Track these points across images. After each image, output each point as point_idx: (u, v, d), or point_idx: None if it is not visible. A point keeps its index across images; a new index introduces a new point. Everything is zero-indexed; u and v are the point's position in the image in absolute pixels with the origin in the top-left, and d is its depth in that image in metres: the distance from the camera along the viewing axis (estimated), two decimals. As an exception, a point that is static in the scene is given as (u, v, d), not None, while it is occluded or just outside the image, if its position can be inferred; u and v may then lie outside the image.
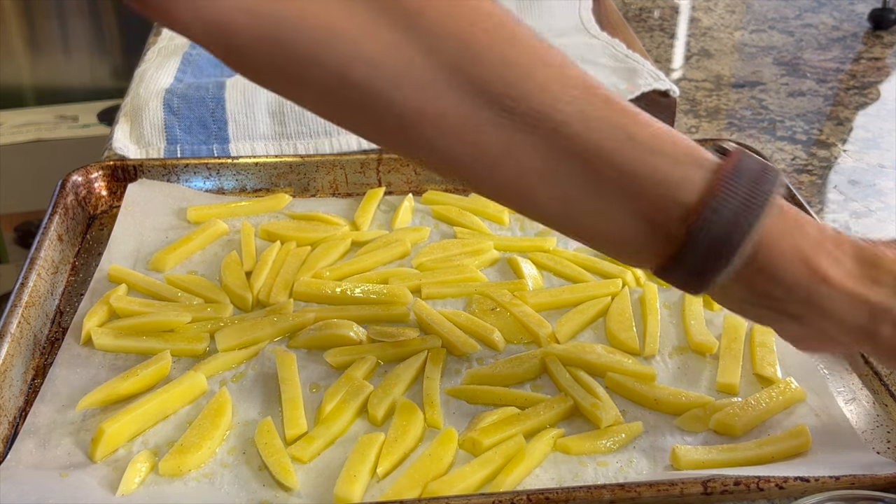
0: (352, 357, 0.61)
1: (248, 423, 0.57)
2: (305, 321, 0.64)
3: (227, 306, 0.66)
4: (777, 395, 0.58)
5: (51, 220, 0.71)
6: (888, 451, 0.55)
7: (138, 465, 0.53)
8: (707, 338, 0.63)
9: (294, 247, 0.72)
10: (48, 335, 0.65)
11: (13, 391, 0.58)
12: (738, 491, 0.49)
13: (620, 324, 0.64)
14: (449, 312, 0.65)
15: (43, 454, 0.54)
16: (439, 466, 0.53)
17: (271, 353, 0.62)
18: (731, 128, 0.95)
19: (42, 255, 0.67)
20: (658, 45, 1.19)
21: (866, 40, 1.20)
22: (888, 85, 1.07)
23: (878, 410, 0.58)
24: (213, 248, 0.74)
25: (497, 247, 0.73)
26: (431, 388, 0.58)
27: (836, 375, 0.61)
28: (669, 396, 0.58)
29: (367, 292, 0.67)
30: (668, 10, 1.32)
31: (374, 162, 0.80)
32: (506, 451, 0.53)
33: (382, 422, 0.57)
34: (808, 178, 0.85)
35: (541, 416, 0.56)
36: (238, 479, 0.53)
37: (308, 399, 0.58)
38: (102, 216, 0.78)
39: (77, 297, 0.68)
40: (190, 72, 0.98)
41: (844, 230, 0.77)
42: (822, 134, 0.94)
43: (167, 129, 0.86)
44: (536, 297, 0.67)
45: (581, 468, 0.53)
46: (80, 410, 0.57)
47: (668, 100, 0.89)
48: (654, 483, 0.49)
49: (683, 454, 0.53)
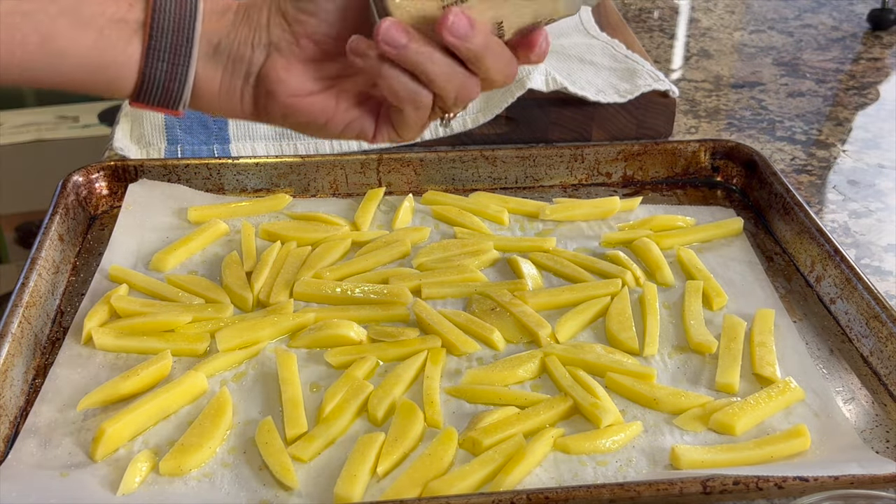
0: (352, 357, 0.61)
1: (249, 422, 0.57)
2: (305, 321, 0.64)
3: (228, 306, 0.66)
4: (776, 394, 0.58)
5: (51, 220, 0.71)
6: (887, 450, 0.55)
7: (139, 464, 0.53)
8: (706, 338, 0.63)
9: (294, 247, 0.72)
10: (49, 335, 0.65)
11: (14, 391, 0.58)
12: (737, 490, 0.50)
13: (620, 324, 0.64)
14: (449, 312, 0.66)
15: (44, 454, 0.54)
16: (439, 466, 0.53)
17: (271, 353, 0.62)
18: (730, 128, 0.95)
19: (43, 255, 0.67)
20: (658, 45, 1.19)
21: (865, 41, 1.20)
22: (887, 85, 1.07)
23: (877, 410, 0.58)
24: (213, 248, 0.74)
25: (497, 247, 0.73)
26: (431, 388, 0.59)
27: (835, 375, 0.61)
28: (669, 396, 0.58)
29: (367, 292, 0.67)
30: (668, 10, 1.32)
31: (374, 162, 0.81)
32: (506, 451, 0.54)
33: (382, 422, 0.57)
34: (807, 178, 0.85)
35: (541, 415, 0.56)
36: (238, 479, 0.53)
37: (308, 399, 0.58)
38: (103, 216, 0.78)
39: (78, 297, 0.68)
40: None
41: (844, 230, 0.77)
42: (822, 134, 0.94)
43: (168, 129, 0.86)
44: (536, 297, 0.67)
45: (581, 468, 0.53)
46: (81, 410, 0.57)
47: (668, 100, 0.89)
48: (654, 482, 0.49)
49: (683, 454, 0.53)
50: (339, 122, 0.56)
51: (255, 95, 0.54)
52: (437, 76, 0.51)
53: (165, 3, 0.52)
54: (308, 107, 0.55)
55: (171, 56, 0.52)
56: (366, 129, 0.57)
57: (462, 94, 0.53)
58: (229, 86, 0.54)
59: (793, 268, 0.72)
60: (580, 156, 0.83)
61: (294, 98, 0.54)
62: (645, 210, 0.79)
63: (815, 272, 0.69)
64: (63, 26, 0.50)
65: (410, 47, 0.50)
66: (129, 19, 0.51)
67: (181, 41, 0.52)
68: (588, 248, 0.74)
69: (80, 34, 0.50)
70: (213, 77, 0.54)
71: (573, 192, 0.82)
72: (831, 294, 0.67)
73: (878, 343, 0.61)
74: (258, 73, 0.53)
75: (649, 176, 0.84)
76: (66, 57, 0.50)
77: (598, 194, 0.82)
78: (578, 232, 0.76)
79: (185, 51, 0.52)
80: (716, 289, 0.68)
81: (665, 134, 0.91)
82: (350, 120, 0.56)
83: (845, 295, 0.65)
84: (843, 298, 0.66)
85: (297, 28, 0.53)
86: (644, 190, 0.83)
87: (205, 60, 0.53)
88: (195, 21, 0.52)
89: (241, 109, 0.55)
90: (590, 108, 0.88)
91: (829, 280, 0.67)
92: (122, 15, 0.51)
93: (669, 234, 0.75)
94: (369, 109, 0.57)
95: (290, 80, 0.53)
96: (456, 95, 0.53)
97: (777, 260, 0.73)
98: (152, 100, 0.53)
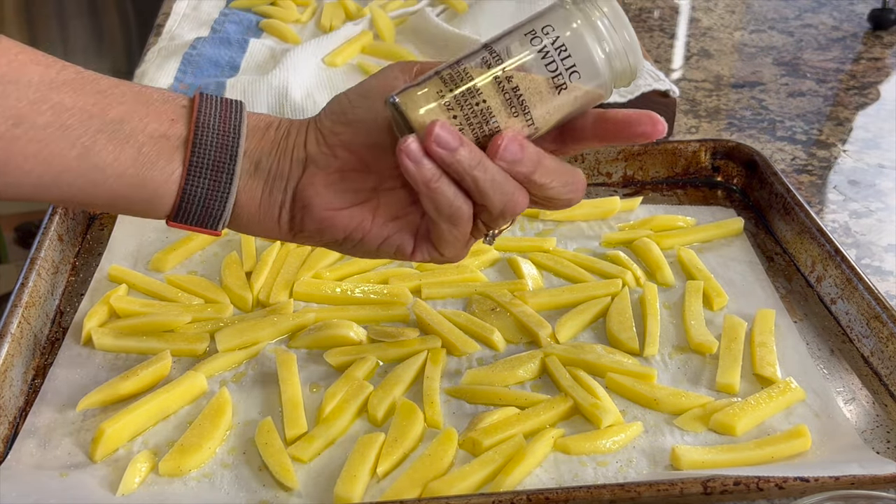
0: (352, 357, 0.61)
1: (248, 423, 0.57)
2: (305, 321, 0.64)
3: (227, 306, 0.66)
4: (777, 395, 0.58)
5: (51, 221, 0.71)
6: (888, 450, 0.55)
7: (138, 465, 0.53)
8: (707, 338, 0.63)
9: (294, 247, 0.72)
10: (48, 335, 0.65)
11: (13, 391, 0.58)
12: (737, 491, 0.49)
13: (620, 324, 0.64)
14: (449, 312, 0.65)
15: (43, 454, 0.54)
16: (439, 466, 0.53)
17: (271, 353, 0.62)
18: (730, 128, 0.95)
19: (42, 255, 0.67)
20: (658, 45, 1.19)
21: (866, 40, 1.20)
22: (888, 85, 1.07)
23: (878, 410, 0.58)
24: (213, 248, 0.74)
25: (497, 247, 0.73)
26: (431, 388, 0.58)
27: (836, 375, 0.61)
28: (669, 396, 0.58)
29: (367, 292, 0.67)
30: (668, 10, 1.32)
31: (374, 162, 0.80)
32: (506, 451, 0.53)
33: (382, 422, 0.57)
34: (807, 178, 0.85)
35: (541, 416, 0.56)
36: (238, 479, 0.53)
37: (308, 399, 0.58)
38: (103, 216, 0.78)
39: (77, 297, 0.68)
40: (190, 72, 0.98)
41: (845, 230, 0.77)
42: (822, 134, 0.94)
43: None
44: (536, 297, 0.67)
45: (581, 468, 0.53)
46: (81, 410, 0.57)
47: (668, 100, 0.89)
48: (654, 483, 0.49)
49: (683, 454, 0.53)
50: (375, 238, 0.54)
51: (291, 211, 0.53)
52: (486, 184, 0.48)
53: (209, 119, 0.51)
54: (345, 221, 0.53)
55: (213, 173, 0.51)
56: (404, 246, 0.54)
57: (509, 206, 0.50)
58: (268, 202, 0.53)
59: (793, 268, 0.72)
60: (580, 156, 0.82)
61: (330, 212, 0.52)
62: (645, 210, 0.79)
63: (815, 272, 0.69)
64: (102, 141, 0.49)
65: (462, 151, 0.47)
66: (171, 135, 0.50)
67: (224, 158, 0.51)
68: (588, 248, 0.74)
69: (120, 149, 0.49)
70: (254, 195, 0.52)
71: (573, 192, 0.82)
72: (832, 294, 0.67)
73: (879, 343, 0.61)
74: (295, 188, 0.52)
75: (649, 176, 0.84)
76: (105, 171, 0.49)
77: (599, 194, 0.81)
78: (578, 232, 0.76)
79: (228, 168, 0.51)
80: (716, 289, 0.68)
81: (665, 134, 0.90)
82: (387, 235, 0.54)
83: (846, 295, 0.65)
84: (843, 298, 0.66)
85: (332, 140, 0.52)
86: (644, 190, 0.83)
87: (246, 177, 0.52)
88: (239, 138, 0.51)
89: (279, 227, 0.54)
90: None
91: (830, 280, 0.67)
92: (164, 131, 0.50)
93: (670, 234, 0.74)
94: (408, 224, 0.54)
95: (326, 193, 0.52)
96: (503, 208, 0.50)
97: (777, 260, 0.73)
98: (191, 218, 0.52)
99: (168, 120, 0.51)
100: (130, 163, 0.50)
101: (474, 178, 0.48)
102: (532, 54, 0.48)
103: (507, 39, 0.49)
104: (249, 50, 1.04)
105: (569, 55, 0.48)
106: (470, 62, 0.49)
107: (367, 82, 0.53)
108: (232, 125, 0.51)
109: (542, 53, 0.48)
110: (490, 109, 0.48)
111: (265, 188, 0.52)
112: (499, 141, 0.48)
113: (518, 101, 0.48)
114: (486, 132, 0.48)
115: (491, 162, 0.48)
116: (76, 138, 0.48)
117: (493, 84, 0.48)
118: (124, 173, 0.50)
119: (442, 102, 0.48)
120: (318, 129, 0.53)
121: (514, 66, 0.48)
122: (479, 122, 0.48)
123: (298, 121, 0.54)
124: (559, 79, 0.48)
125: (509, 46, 0.49)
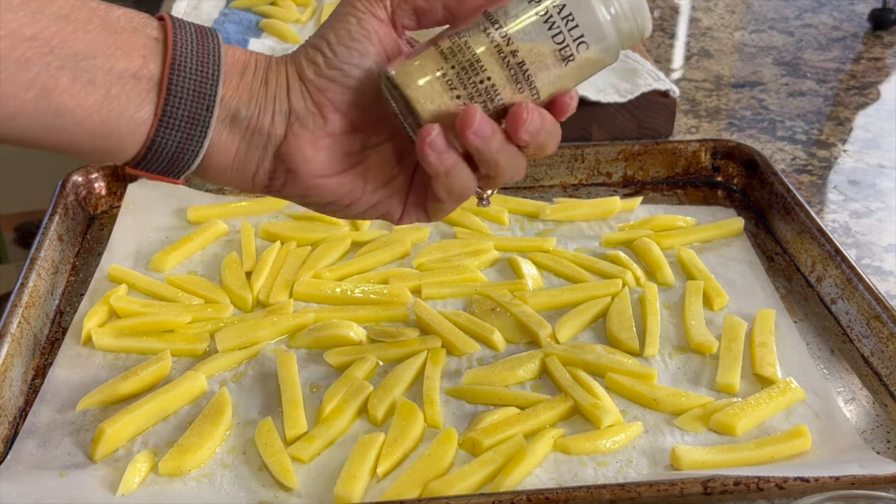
0: (352, 357, 0.61)
1: (248, 423, 0.57)
2: (305, 321, 0.64)
3: (227, 306, 0.66)
4: (777, 395, 0.58)
5: (51, 220, 0.71)
6: (888, 450, 0.55)
7: (138, 465, 0.53)
8: (707, 338, 0.63)
9: (294, 247, 0.72)
10: (48, 335, 0.65)
11: (13, 391, 0.58)
12: (737, 491, 0.49)
13: (620, 324, 0.64)
14: (449, 312, 0.65)
15: (43, 454, 0.54)
16: (439, 466, 0.53)
17: (271, 353, 0.62)
18: (731, 128, 0.95)
19: (42, 255, 0.67)
20: (658, 45, 1.19)
21: (866, 40, 1.20)
22: (888, 85, 1.07)
23: (878, 410, 0.58)
24: (213, 248, 0.74)
25: (497, 247, 0.73)
26: (431, 388, 0.58)
27: (836, 375, 0.61)
28: (669, 396, 0.58)
29: (367, 292, 0.67)
30: (668, 10, 1.32)
31: (374, 162, 0.80)
32: (506, 451, 0.53)
33: (382, 422, 0.57)
34: (807, 178, 0.85)
35: (541, 416, 0.56)
36: (238, 479, 0.53)
37: (308, 399, 0.58)
38: (102, 216, 0.78)
39: (77, 297, 0.68)
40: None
41: (845, 230, 0.77)
42: (822, 134, 0.94)
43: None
44: (536, 297, 0.67)
45: (581, 468, 0.53)
46: (80, 410, 0.57)
47: (669, 100, 0.89)
48: (654, 483, 0.49)
49: (683, 454, 0.53)
50: (363, 204, 0.51)
51: (272, 172, 0.49)
52: (505, 162, 0.48)
53: (185, 58, 0.46)
54: (334, 188, 0.50)
55: (186, 125, 0.46)
56: (392, 211, 0.52)
57: (516, 174, 0.50)
58: (244, 158, 0.49)
59: (793, 268, 0.72)
60: (580, 156, 0.82)
61: (321, 179, 0.49)
62: (645, 210, 0.79)
63: (815, 272, 0.69)
64: (65, 81, 0.43)
65: (497, 137, 0.46)
66: (142, 76, 0.45)
67: (200, 108, 0.46)
68: (588, 248, 0.74)
69: (85, 92, 0.44)
70: (228, 149, 0.48)
71: (573, 192, 0.82)
72: (832, 294, 0.67)
73: (879, 343, 0.61)
74: (278, 148, 0.49)
75: (650, 176, 0.83)
76: (65, 116, 0.44)
77: (599, 194, 0.81)
78: (579, 232, 0.76)
79: (203, 119, 0.46)
80: (716, 289, 0.68)
81: (665, 134, 0.90)
82: (376, 201, 0.52)
83: (846, 295, 0.65)
84: (843, 299, 0.66)
85: (318, 97, 0.48)
86: (644, 190, 0.83)
87: (220, 129, 0.48)
88: (217, 84, 0.46)
89: (253, 183, 0.50)
90: (590, 108, 0.88)
91: (830, 280, 0.67)
92: (135, 70, 0.45)
93: (670, 234, 0.74)
94: (397, 191, 0.52)
95: (316, 159, 0.49)
96: (510, 177, 0.49)
97: (778, 260, 0.73)
98: (154, 168, 0.48)
99: (140, 56, 0.45)
100: (95, 109, 0.44)
101: (496, 159, 0.47)
102: (535, 19, 0.46)
103: (507, 7, 0.47)
104: (249, 50, 1.04)
105: (573, 20, 0.46)
106: (469, 34, 0.46)
107: (344, 23, 0.48)
108: (210, 65, 0.46)
109: (544, 18, 0.46)
110: (495, 87, 0.47)
111: (241, 143, 0.48)
112: (523, 115, 0.46)
113: (524, 75, 0.47)
114: (489, 110, 0.47)
115: (509, 141, 0.47)
116: (34, 76, 0.42)
117: (496, 59, 0.46)
118: (86, 120, 0.44)
119: (444, 81, 0.46)
120: (301, 78, 0.48)
121: (518, 35, 0.46)
122: (483, 101, 0.47)
123: (274, 61, 0.49)
124: (566, 50, 0.46)
125: (510, 11, 0.46)
